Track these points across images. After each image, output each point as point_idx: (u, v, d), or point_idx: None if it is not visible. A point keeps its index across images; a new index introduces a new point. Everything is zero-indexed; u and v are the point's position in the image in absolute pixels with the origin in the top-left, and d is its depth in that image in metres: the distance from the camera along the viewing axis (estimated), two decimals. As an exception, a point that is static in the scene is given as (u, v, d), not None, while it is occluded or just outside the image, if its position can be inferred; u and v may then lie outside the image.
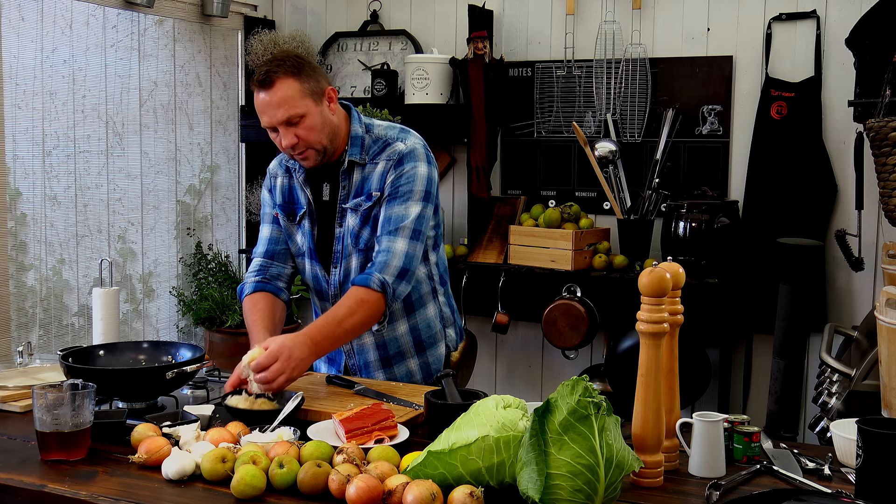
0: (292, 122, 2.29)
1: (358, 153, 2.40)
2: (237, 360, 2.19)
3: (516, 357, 4.38)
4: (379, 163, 2.40)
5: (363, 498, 1.59)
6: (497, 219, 4.23)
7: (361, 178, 2.41)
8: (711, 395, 3.79)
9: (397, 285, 2.31)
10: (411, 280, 2.36)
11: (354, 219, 2.40)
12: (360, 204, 2.39)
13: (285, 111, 2.28)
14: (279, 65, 2.29)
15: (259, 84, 2.29)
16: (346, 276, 2.45)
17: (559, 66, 4.15)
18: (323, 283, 2.49)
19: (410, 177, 2.37)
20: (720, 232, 3.66)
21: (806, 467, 1.86)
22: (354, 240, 2.41)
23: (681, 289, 1.87)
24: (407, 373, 2.54)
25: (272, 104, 2.28)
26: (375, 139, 2.43)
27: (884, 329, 2.47)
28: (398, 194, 2.36)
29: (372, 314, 2.30)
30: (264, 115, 2.31)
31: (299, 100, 2.28)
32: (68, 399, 1.84)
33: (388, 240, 2.33)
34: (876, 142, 3.15)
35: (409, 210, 2.35)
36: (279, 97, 2.27)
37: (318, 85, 2.33)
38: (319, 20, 4.66)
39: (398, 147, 2.40)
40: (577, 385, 1.57)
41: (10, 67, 3.42)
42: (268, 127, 2.33)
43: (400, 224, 2.34)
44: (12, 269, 3.47)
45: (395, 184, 2.36)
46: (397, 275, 2.31)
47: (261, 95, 2.30)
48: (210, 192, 4.46)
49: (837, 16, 3.68)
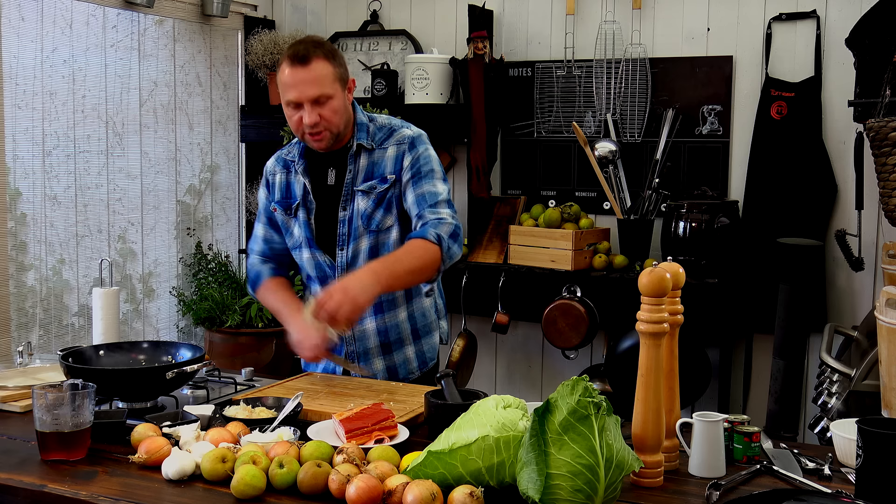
0: (320, 101, 2.38)
1: (365, 138, 2.49)
2: (237, 360, 2.20)
3: (516, 357, 4.38)
4: (388, 147, 2.49)
5: (363, 498, 1.59)
6: (497, 219, 4.23)
7: (370, 162, 2.49)
8: (711, 395, 3.78)
9: (451, 244, 2.39)
10: (461, 245, 2.44)
11: (366, 201, 2.46)
12: (375, 186, 2.47)
13: (318, 89, 2.37)
14: (317, 46, 2.40)
15: (295, 59, 2.37)
16: (353, 257, 2.49)
17: (559, 66, 4.15)
18: (326, 268, 2.52)
19: (427, 158, 2.48)
20: (720, 232, 3.66)
21: (806, 467, 1.86)
22: (367, 221, 2.47)
23: (681, 289, 1.88)
24: (404, 360, 2.58)
25: (306, 80, 2.36)
26: (380, 127, 2.53)
27: (884, 329, 2.47)
28: (422, 174, 2.45)
29: (428, 261, 2.35)
30: (294, 89, 2.38)
31: (331, 82, 2.39)
32: (68, 399, 1.84)
33: (432, 211, 2.41)
34: (876, 142, 3.15)
35: (438, 187, 2.46)
36: (314, 75, 2.36)
37: (345, 72, 2.45)
38: (319, 20, 4.66)
39: (405, 132, 2.51)
40: (577, 385, 1.57)
41: (10, 67, 3.42)
42: (293, 102, 2.40)
43: (437, 199, 2.44)
44: (12, 269, 3.47)
45: (415, 165, 2.46)
46: (450, 234, 2.39)
47: (295, 70, 2.37)
48: (210, 192, 4.46)
49: (837, 16, 3.68)
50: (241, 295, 4.12)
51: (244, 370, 2.51)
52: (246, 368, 2.53)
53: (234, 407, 2.07)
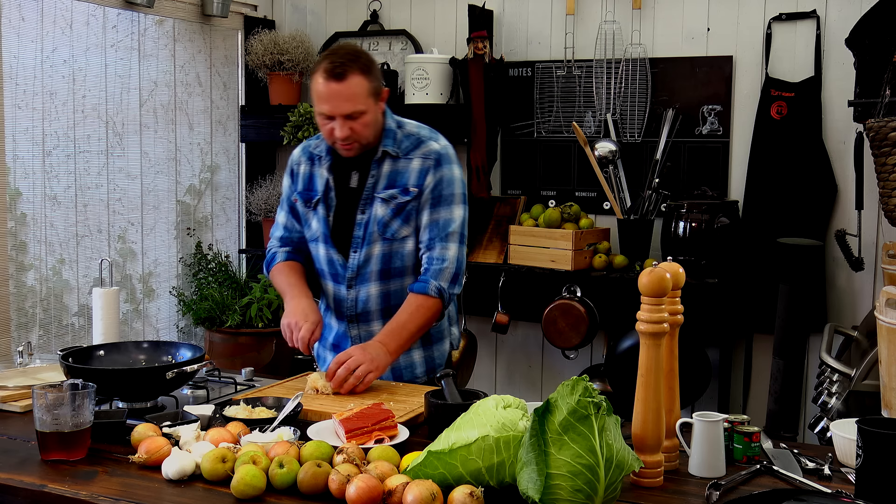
0: (353, 116, 2.38)
1: (391, 145, 2.50)
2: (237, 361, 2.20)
3: (516, 357, 4.38)
4: (414, 159, 2.49)
5: (363, 498, 1.59)
6: (497, 219, 4.23)
7: (393, 170, 2.49)
8: (711, 395, 3.78)
9: (452, 289, 2.48)
10: (462, 282, 2.52)
11: (384, 209, 2.48)
12: (395, 196, 2.48)
13: (352, 105, 2.37)
14: (354, 60, 2.39)
15: (331, 74, 2.36)
16: (365, 260, 2.51)
17: (559, 66, 4.15)
18: (338, 266, 2.54)
19: (450, 180, 2.49)
20: (720, 232, 3.66)
21: (806, 467, 1.86)
22: (382, 228, 2.49)
23: (681, 289, 1.87)
24: (410, 364, 2.58)
25: (341, 96, 2.37)
26: (407, 135, 2.53)
27: (884, 329, 2.47)
28: (442, 198, 2.48)
29: (431, 317, 2.47)
30: (327, 103, 2.38)
31: (365, 97, 2.39)
32: (68, 399, 1.84)
33: (441, 247, 2.47)
34: (876, 142, 3.15)
35: (454, 214, 2.49)
36: (350, 91, 2.37)
37: (379, 84, 2.45)
38: (319, 20, 4.66)
39: (433, 146, 2.51)
40: (577, 385, 1.57)
41: (10, 67, 3.42)
42: (326, 115, 2.40)
43: (449, 230, 2.48)
44: (12, 269, 3.47)
45: (438, 188, 2.47)
46: (451, 279, 2.47)
47: (330, 85, 2.37)
48: (210, 192, 4.46)
49: (837, 16, 3.68)
50: (241, 295, 4.12)
51: (244, 370, 2.52)
52: (246, 368, 2.53)
53: (234, 407, 2.07)
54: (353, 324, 2.57)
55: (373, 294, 2.53)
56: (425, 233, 2.48)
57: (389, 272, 2.52)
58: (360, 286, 2.53)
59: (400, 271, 2.52)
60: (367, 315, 2.55)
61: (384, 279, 2.52)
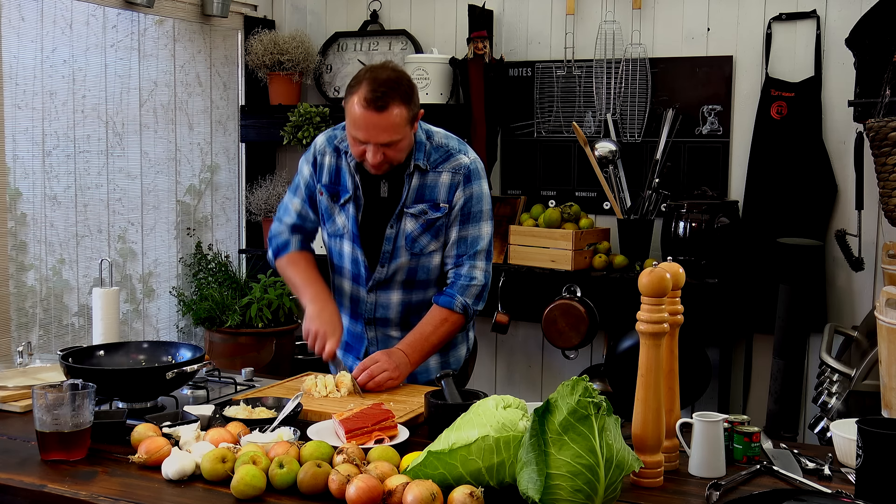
0: (389, 145, 2.34)
1: (422, 158, 2.46)
2: (237, 361, 2.21)
3: (516, 357, 4.38)
4: (443, 172, 2.46)
5: (363, 498, 1.59)
6: (497, 219, 4.23)
7: (422, 184, 2.46)
8: (711, 395, 3.78)
9: (476, 305, 2.51)
10: (485, 297, 2.52)
11: (414, 224, 2.46)
12: (425, 211, 2.45)
13: (389, 136, 2.32)
14: (395, 89, 2.30)
15: (372, 104, 2.28)
16: (393, 274, 2.50)
17: (559, 66, 4.15)
18: (363, 269, 2.52)
19: (479, 197, 2.49)
20: (720, 232, 3.66)
21: (806, 467, 1.86)
22: (411, 243, 2.47)
23: (681, 289, 1.88)
24: (425, 369, 2.56)
25: (379, 126, 2.30)
26: (436, 146, 2.48)
27: (884, 329, 2.47)
28: (471, 215, 2.48)
29: (453, 331, 2.50)
30: (364, 131, 2.31)
31: (402, 127, 2.34)
32: (68, 399, 1.84)
33: (470, 265, 2.48)
34: (876, 142, 3.15)
35: (482, 231, 2.49)
36: (389, 123, 2.30)
37: (416, 108, 2.38)
38: (319, 20, 4.66)
39: (462, 160, 2.47)
40: (577, 385, 1.57)
41: (10, 67, 3.42)
42: (359, 140, 2.34)
43: (477, 248, 2.48)
44: (12, 269, 3.47)
45: (468, 204, 2.47)
46: (476, 296, 2.49)
47: (367, 114, 2.29)
48: (210, 192, 4.46)
49: (837, 16, 3.68)
50: (241, 295, 4.12)
51: (244, 370, 2.52)
52: (246, 368, 2.53)
53: (234, 407, 2.07)
54: (371, 326, 2.57)
55: (394, 302, 2.53)
56: (453, 248, 2.48)
57: (413, 283, 2.52)
58: (382, 292, 2.53)
59: (424, 283, 2.52)
60: (386, 321, 2.55)
61: (407, 289, 2.52)
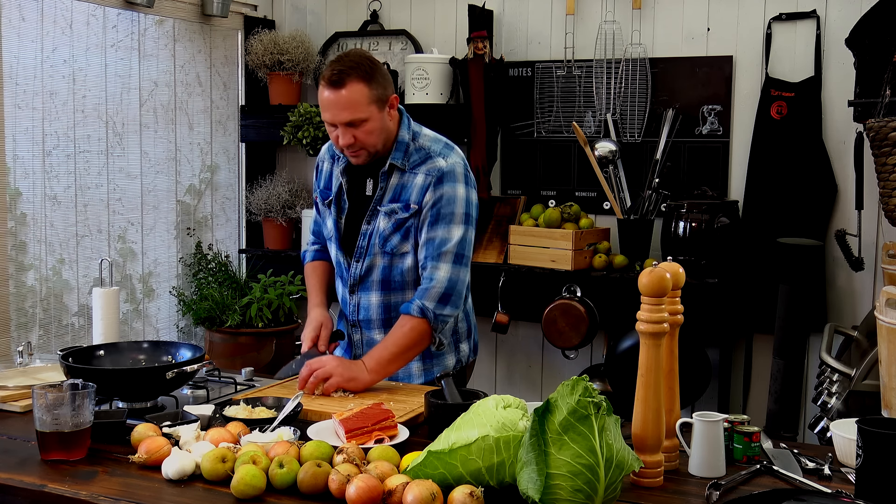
0: (354, 124, 2.35)
1: (400, 158, 2.45)
2: (237, 361, 2.21)
3: (516, 357, 4.38)
4: (418, 174, 2.45)
5: (363, 498, 1.59)
6: (497, 219, 4.23)
7: (399, 183, 2.46)
8: (711, 395, 3.78)
9: (440, 310, 2.40)
10: (457, 303, 2.45)
11: (386, 223, 2.46)
12: (396, 211, 2.45)
13: (350, 114, 2.33)
14: (353, 67, 2.34)
15: (329, 82, 2.34)
16: (367, 270, 2.51)
17: (559, 66, 4.15)
18: (344, 270, 2.57)
19: (450, 199, 2.43)
20: (720, 232, 3.66)
21: (806, 467, 1.86)
22: (382, 242, 2.47)
23: (681, 289, 1.88)
24: (407, 374, 2.56)
25: (338, 104, 2.34)
26: (418, 148, 2.48)
27: (884, 329, 2.47)
28: (440, 217, 2.42)
29: (416, 337, 2.41)
30: (327, 111, 2.37)
31: (365, 105, 2.34)
32: (68, 399, 1.84)
33: (432, 266, 2.42)
34: (876, 142, 3.15)
35: (452, 233, 2.42)
36: (346, 99, 2.33)
37: (384, 92, 2.39)
38: (319, 20, 4.66)
39: (439, 163, 2.45)
40: (577, 385, 1.57)
41: (10, 67, 3.42)
42: (329, 122, 2.39)
43: (443, 249, 2.42)
44: (12, 269, 3.47)
45: (437, 205, 2.42)
46: (438, 300, 2.40)
47: (328, 93, 2.34)
48: (210, 192, 4.46)
49: (837, 16, 3.68)
50: (241, 295, 4.12)
51: (244, 370, 2.52)
52: (246, 368, 2.53)
53: (234, 407, 2.07)
54: (356, 328, 2.57)
55: (374, 303, 2.53)
56: (421, 251, 2.45)
57: (390, 283, 2.51)
58: (362, 293, 2.53)
59: (401, 285, 2.51)
60: (369, 323, 2.55)
61: (385, 290, 2.52)
